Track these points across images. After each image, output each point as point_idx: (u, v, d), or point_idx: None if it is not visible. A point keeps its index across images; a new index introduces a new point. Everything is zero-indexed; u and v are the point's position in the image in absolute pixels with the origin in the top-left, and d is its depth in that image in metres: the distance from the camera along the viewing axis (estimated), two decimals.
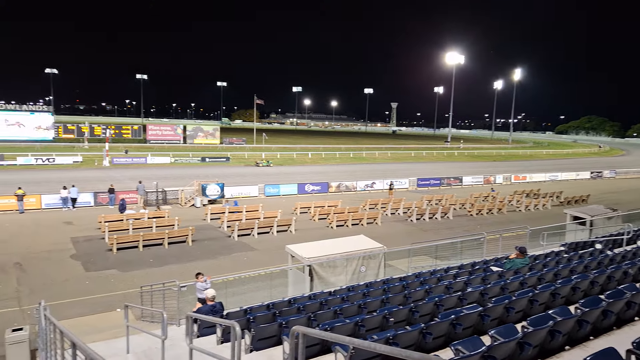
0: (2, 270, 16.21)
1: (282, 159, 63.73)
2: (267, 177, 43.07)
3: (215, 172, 44.98)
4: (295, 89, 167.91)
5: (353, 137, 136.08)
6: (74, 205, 26.89)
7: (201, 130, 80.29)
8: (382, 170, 51.76)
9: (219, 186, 30.33)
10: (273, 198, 32.96)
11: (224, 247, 20.27)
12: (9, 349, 9.69)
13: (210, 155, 60.67)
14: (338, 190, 36.60)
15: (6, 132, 63.63)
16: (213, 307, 9.23)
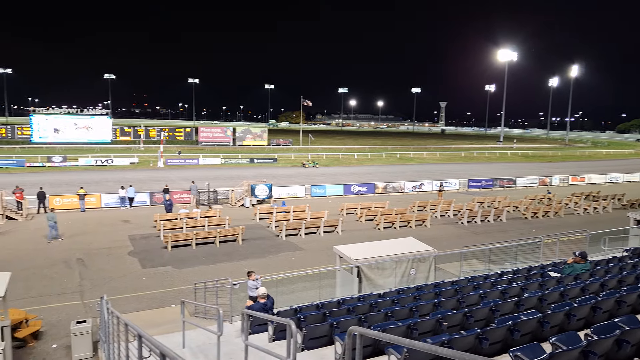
0: (67, 265, 17.21)
1: (328, 159, 63.89)
2: (313, 177, 43.31)
3: (263, 172, 45.78)
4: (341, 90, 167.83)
5: (400, 137, 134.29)
6: (131, 204, 28.18)
7: (250, 132, 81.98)
8: (430, 171, 50.77)
9: (267, 186, 30.84)
10: (319, 199, 33.11)
11: (273, 247, 20.56)
12: (74, 340, 10.27)
13: (258, 156, 61.83)
14: (385, 191, 36.23)
15: (72, 135, 67.69)
16: (264, 305, 9.37)
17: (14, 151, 56.83)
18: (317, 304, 10.37)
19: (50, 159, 49.60)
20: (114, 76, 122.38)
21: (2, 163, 46.77)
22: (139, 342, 4.56)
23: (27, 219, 24.61)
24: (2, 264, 16.14)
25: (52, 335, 11.45)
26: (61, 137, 66.83)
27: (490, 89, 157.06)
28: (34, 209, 25.91)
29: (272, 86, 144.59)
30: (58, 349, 10.74)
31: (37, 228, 22.73)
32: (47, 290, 14.62)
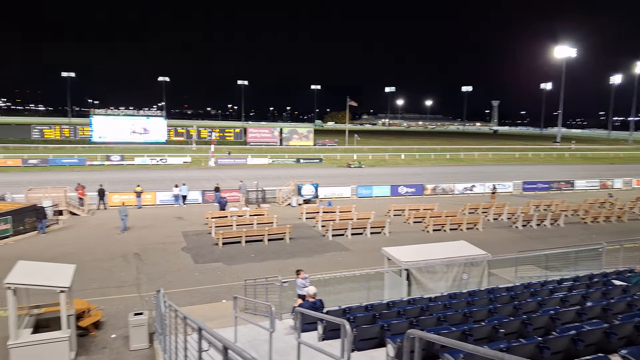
0: (124, 259, 18.04)
1: (374, 160, 63.41)
2: (359, 178, 43.11)
3: (309, 172, 46.08)
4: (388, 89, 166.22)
5: (449, 137, 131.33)
6: (184, 202, 29.17)
7: (296, 132, 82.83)
8: (482, 173, 49.28)
9: (313, 186, 31.01)
10: (365, 199, 32.90)
11: (319, 246, 20.62)
12: (132, 331, 10.73)
13: (304, 156, 62.33)
14: (434, 193, 35.48)
15: (129, 135, 71.07)
16: (314, 304, 9.38)
17: (76, 150, 60.30)
18: (365, 305, 10.29)
19: (109, 158, 52.27)
20: (168, 79, 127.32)
21: (65, 162, 49.77)
22: (199, 335, 4.67)
23: (88, 214, 26.01)
24: (66, 256, 17.14)
25: (111, 326, 12.02)
26: (119, 137, 70.30)
27: (546, 87, 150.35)
28: (94, 205, 27.34)
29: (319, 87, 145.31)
30: (117, 339, 11.25)
31: (98, 223, 23.99)
32: (107, 282, 15.38)
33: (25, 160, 48.46)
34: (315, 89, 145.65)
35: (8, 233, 19.98)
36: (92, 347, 10.81)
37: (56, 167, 47.13)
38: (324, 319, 7.65)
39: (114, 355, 10.49)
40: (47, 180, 33.18)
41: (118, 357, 10.37)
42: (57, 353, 9.04)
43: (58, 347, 9.06)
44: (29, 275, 9.36)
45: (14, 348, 8.76)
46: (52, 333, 9.28)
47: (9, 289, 8.73)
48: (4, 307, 10.78)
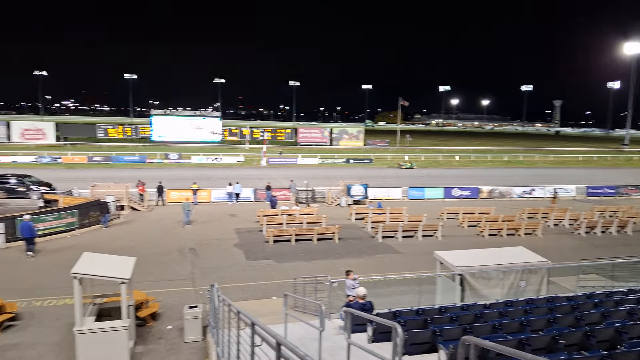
0: (181, 253, 18.73)
1: (427, 161, 62.14)
2: (411, 179, 42.38)
3: (358, 173, 45.89)
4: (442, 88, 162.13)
5: (507, 138, 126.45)
6: (237, 200, 29.91)
7: (346, 132, 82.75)
8: (542, 176, 47.06)
9: (363, 187, 30.82)
10: (417, 201, 32.27)
11: (368, 247, 20.46)
12: (186, 323, 11.11)
13: (354, 156, 62.11)
14: (490, 196, 34.25)
15: (186, 134, 73.84)
16: (363, 305, 9.31)
17: (137, 148, 63.36)
18: (417, 310, 10.08)
19: (167, 156, 54.55)
20: (223, 80, 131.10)
21: (127, 159, 52.47)
22: (252, 330, 4.74)
23: (147, 210, 27.24)
24: (127, 249, 18.02)
25: (167, 317, 12.51)
26: (177, 136, 73.19)
27: (614, 86, 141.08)
28: (153, 201, 28.59)
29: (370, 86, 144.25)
30: (172, 330, 11.69)
31: (156, 219, 25.08)
32: (164, 275, 16.03)
33: (91, 158, 51.53)
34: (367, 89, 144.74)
35: (74, 226, 21.30)
36: (149, 337, 11.30)
37: (119, 165, 49.79)
38: (375, 320, 7.56)
39: (169, 345, 10.91)
40: (111, 177, 35.14)
41: (173, 348, 10.77)
42: (117, 341, 9.52)
43: (118, 335, 9.53)
44: (93, 266, 9.92)
45: (79, 334, 9.31)
46: (113, 322, 9.78)
47: (75, 278, 9.29)
48: (71, 296, 11.51)
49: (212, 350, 9.63)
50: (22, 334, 11.32)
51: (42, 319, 12.14)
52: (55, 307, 12.96)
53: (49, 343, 10.81)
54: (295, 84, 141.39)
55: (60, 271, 15.07)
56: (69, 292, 12.32)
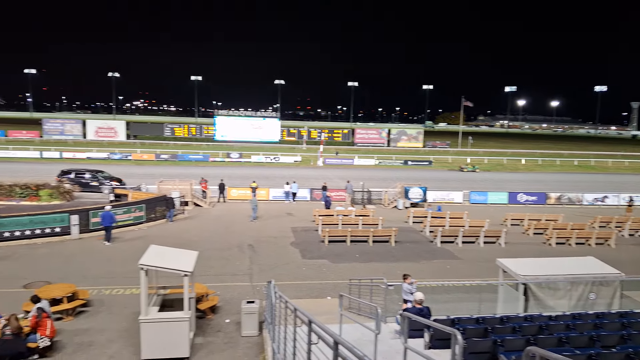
0: (240, 249, 19.24)
1: (490, 164, 59.83)
2: (472, 183, 40.98)
3: (417, 175, 45.00)
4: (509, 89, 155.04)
5: (578, 141, 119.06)
6: (294, 199, 30.32)
7: (405, 133, 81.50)
8: (616, 182, 43.88)
9: (421, 189, 30.17)
10: (479, 206, 31.13)
11: (426, 252, 19.99)
12: (244, 318, 11.37)
13: (412, 158, 60.99)
14: (558, 202, 32.36)
15: (247, 134, 75.93)
16: (420, 310, 9.09)
17: (201, 147, 65.97)
18: (476, 318, 9.70)
19: (229, 155, 56.35)
20: (283, 81, 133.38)
21: (191, 157, 54.76)
22: (309, 327, 4.75)
23: (209, 206, 28.25)
24: (190, 243, 18.75)
25: (226, 311, 12.88)
26: (238, 136, 75.41)
27: None
28: (214, 198, 29.61)
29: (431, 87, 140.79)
30: (230, 324, 12.02)
31: (217, 215, 25.95)
32: (224, 270, 16.54)
33: (158, 155, 54.27)
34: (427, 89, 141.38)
35: (142, 220, 22.49)
36: (208, 330, 11.68)
37: (184, 162, 52.07)
38: (433, 326, 7.35)
39: (227, 339, 11.22)
40: (176, 174, 36.78)
41: (230, 342, 11.06)
42: (179, 331, 9.91)
43: (180, 326, 9.92)
44: (158, 259, 10.39)
45: (143, 323, 9.79)
46: (176, 313, 10.19)
47: (142, 269, 9.77)
48: (137, 286, 12.15)
49: (268, 346, 9.79)
50: (93, 320, 12.09)
51: (110, 307, 12.91)
52: (123, 296, 13.73)
53: (116, 329, 11.47)
54: (354, 84, 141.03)
55: (128, 262, 15.98)
56: (135, 282, 13.00)
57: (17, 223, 18.68)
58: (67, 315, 11.94)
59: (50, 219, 19.37)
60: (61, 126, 73.75)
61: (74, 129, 73.11)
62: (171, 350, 9.83)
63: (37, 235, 18.95)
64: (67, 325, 11.52)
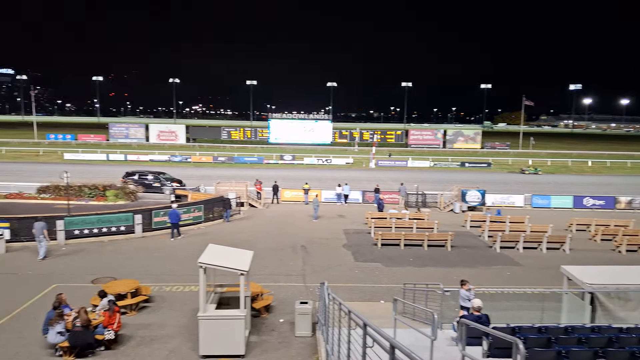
0: (293, 250, 19.46)
1: (553, 166, 56.90)
2: (534, 186, 39.14)
3: (474, 177, 43.58)
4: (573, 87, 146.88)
5: None
6: (346, 201, 30.29)
7: (461, 134, 79.30)
8: None
9: (479, 193, 29.18)
10: (541, 210, 29.66)
11: (484, 257, 19.29)
12: (297, 318, 11.47)
13: (470, 160, 59.17)
14: (629, 207, 30.20)
15: (300, 137, 76.88)
16: (479, 317, 8.76)
17: (255, 150, 67.50)
18: (539, 327, 9.23)
19: (282, 157, 57.27)
20: (335, 84, 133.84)
21: (246, 159, 56.18)
22: (364, 330, 4.70)
23: (263, 207, 28.82)
24: (245, 243, 19.19)
25: (279, 310, 13.06)
26: (291, 139, 76.50)
27: None
28: (269, 199, 30.17)
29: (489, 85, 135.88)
30: (284, 324, 12.17)
31: (271, 216, 26.41)
32: (277, 270, 16.78)
33: (215, 158, 56.10)
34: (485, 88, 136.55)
35: (201, 219, 23.31)
36: (262, 328, 11.89)
37: (239, 164, 53.50)
38: (492, 334, 7.06)
39: (281, 338, 11.37)
40: (232, 176, 37.88)
41: (284, 341, 11.20)
42: (235, 329, 10.15)
43: (236, 324, 10.16)
44: (216, 257, 10.72)
45: (202, 319, 10.12)
46: (232, 311, 10.45)
47: (201, 267, 10.11)
48: (195, 283, 12.59)
49: (322, 347, 9.81)
50: (154, 315, 12.65)
51: (171, 303, 13.45)
52: (182, 293, 14.28)
53: (176, 325, 11.94)
54: (408, 84, 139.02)
55: (187, 260, 16.62)
56: (193, 280, 13.50)
57: (86, 222, 19.95)
58: (130, 310, 12.57)
59: (116, 218, 20.52)
60: (126, 130, 78.09)
61: (138, 133, 77.16)
62: (227, 347, 10.09)
63: (104, 233, 20.14)
64: (131, 320, 12.13)
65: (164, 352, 10.51)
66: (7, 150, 59.71)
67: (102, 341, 10.45)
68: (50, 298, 11.94)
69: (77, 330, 10.12)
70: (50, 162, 50.29)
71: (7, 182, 30.30)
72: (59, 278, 15.15)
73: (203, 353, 10.11)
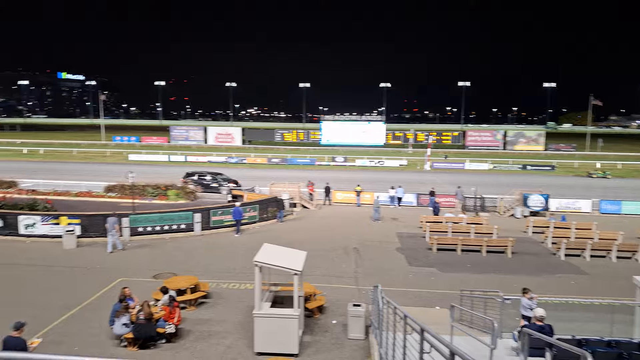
0: (345, 252, 19.41)
1: (625, 170, 53.18)
2: (603, 190, 36.70)
3: (537, 181, 41.62)
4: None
5: None
6: (399, 204, 29.84)
7: (523, 135, 76.01)
8: None
9: (542, 197, 27.78)
10: (611, 217, 27.78)
11: (548, 265, 18.33)
12: (350, 320, 11.42)
13: (532, 162, 56.47)
14: None
15: (352, 138, 76.77)
16: (542, 328, 8.33)
17: (308, 152, 68.06)
18: (608, 341, 8.66)
19: (334, 159, 57.39)
20: (389, 84, 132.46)
21: (299, 161, 56.79)
22: (421, 336, 4.59)
23: (315, 208, 29.00)
24: (298, 243, 19.34)
25: (332, 312, 13.06)
26: (343, 140, 76.53)
27: None
28: (320, 200, 30.31)
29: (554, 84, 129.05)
30: (337, 325, 12.15)
31: (323, 217, 26.52)
32: (329, 271, 16.80)
33: (270, 159, 57.17)
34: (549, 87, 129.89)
35: (255, 219, 23.81)
36: (315, 329, 11.94)
37: (292, 166, 54.19)
38: (558, 345, 6.68)
39: (334, 339, 11.36)
40: (285, 177, 38.40)
41: (337, 343, 11.18)
42: (289, 328, 10.26)
43: (290, 323, 10.27)
44: (271, 257, 10.89)
45: (257, 317, 10.31)
46: (286, 310, 10.57)
47: (256, 266, 10.31)
48: (250, 282, 12.85)
49: (375, 351, 9.70)
50: (212, 311, 13.05)
51: (227, 300, 13.83)
52: (238, 291, 14.63)
53: (232, 322, 12.25)
54: (465, 84, 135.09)
55: (242, 259, 17.05)
56: (249, 278, 13.79)
57: (149, 219, 20.96)
58: (189, 305, 13.04)
59: (177, 217, 21.40)
60: (186, 132, 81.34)
61: (197, 135, 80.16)
62: (282, 345, 10.22)
63: (165, 230, 21.05)
64: (190, 315, 12.59)
65: (221, 348, 10.81)
66: (77, 151, 64.07)
67: (163, 334, 10.91)
68: (116, 291, 12.65)
69: (140, 322, 10.63)
70: (116, 162, 53.33)
71: (77, 181, 32.44)
72: (124, 272, 16.01)
73: (258, 350, 10.29)
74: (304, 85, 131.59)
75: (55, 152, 63.12)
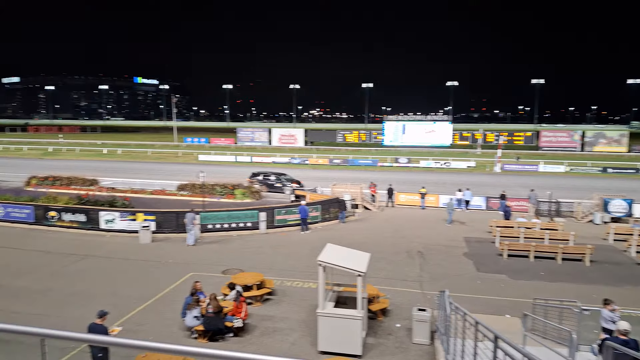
0: (409, 255, 19.05)
1: None
2: None
3: (619, 185, 38.52)
4: None
5: None
6: (466, 207, 28.83)
7: (603, 136, 70.75)
8: None
9: (625, 202, 25.70)
10: None
11: (631, 276, 16.90)
12: (415, 325, 11.18)
13: (613, 165, 52.37)
14: None
15: (416, 139, 75.32)
16: (626, 342, 7.67)
17: (370, 152, 67.56)
18: None
19: (397, 160, 56.54)
20: (456, 83, 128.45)
21: (361, 162, 56.54)
22: (494, 344, 4.39)
23: (378, 210, 28.72)
24: (360, 245, 19.13)
25: (395, 315, 12.86)
26: (406, 141, 75.23)
27: None
28: (383, 202, 29.98)
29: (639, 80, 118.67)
30: (401, 329, 11.95)
31: (386, 219, 26.21)
32: (393, 274, 16.56)
33: (331, 160, 57.40)
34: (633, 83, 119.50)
35: (317, 219, 24.02)
36: (379, 331, 11.82)
37: (354, 167, 54.09)
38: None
39: (397, 343, 11.19)
40: (347, 178, 38.41)
41: (401, 347, 10.99)
42: (352, 329, 10.24)
43: (353, 323, 10.24)
44: (335, 257, 10.93)
45: (321, 316, 10.39)
46: (350, 310, 10.55)
47: (320, 266, 10.39)
48: (314, 280, 12.97)
49: (441, 357, 9.43)
50: (277, 308, 13.32)
51: (291, 297, 14.05)
52: (302, 289, 14.82)
53: (296, 319, 12.43)
54: (539, 81, 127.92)
55: (305, 258, 17.25)
56: (312, 277, 13.94)
57: (218, 217, 21.80)
58: (255, 301, 13.41)
59: (243, 215, 22.09)
60: (251, 134, 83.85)
61: (262, 136, 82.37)
62: (345, 346, 10.22)
63: (232, 228, 21.82)
64: (256, 310, 12.93)
65: (285, 344, 11.01)
66: (152, 152, 68.05)
67: (231, 328, 11.30)
68: (187, 285, 13.28)
69: (210, 315, 11.08)
70: (187, 162, 56.04)
71: (152, 180, 34.44)
72: (194, 267, 16.78)
73: (322, 349, 10.37)
74: (366, 85, 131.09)
75: (132, 153, 67.48)
